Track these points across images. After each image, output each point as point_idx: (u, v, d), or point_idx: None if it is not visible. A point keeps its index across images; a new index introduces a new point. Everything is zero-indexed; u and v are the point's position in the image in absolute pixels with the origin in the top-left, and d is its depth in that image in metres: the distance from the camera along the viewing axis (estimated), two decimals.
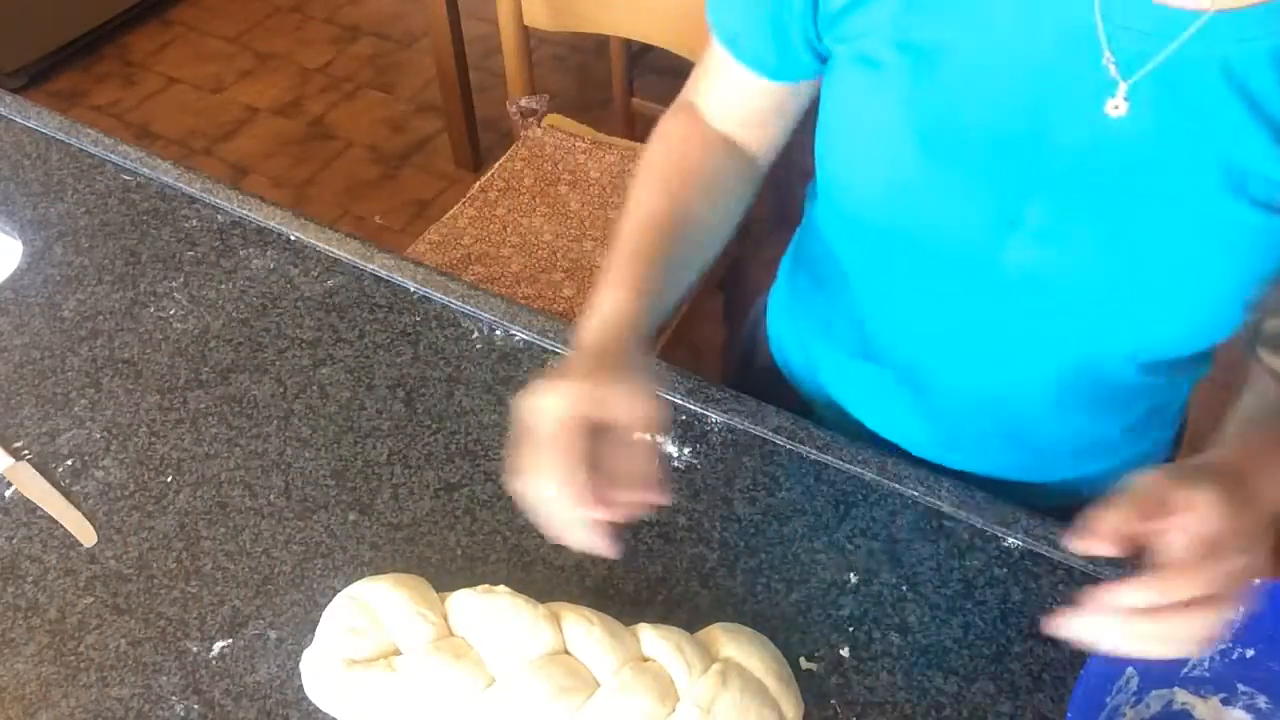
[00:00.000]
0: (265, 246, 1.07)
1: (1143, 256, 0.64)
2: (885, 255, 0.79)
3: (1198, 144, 0.60)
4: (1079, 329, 0.72)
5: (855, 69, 0.71)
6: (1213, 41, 0.57)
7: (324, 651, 0.73)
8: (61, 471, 0.89)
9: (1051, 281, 0.69)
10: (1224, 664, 0.71)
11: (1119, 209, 0.64)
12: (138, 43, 2.99)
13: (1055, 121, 0.63)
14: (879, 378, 0.90)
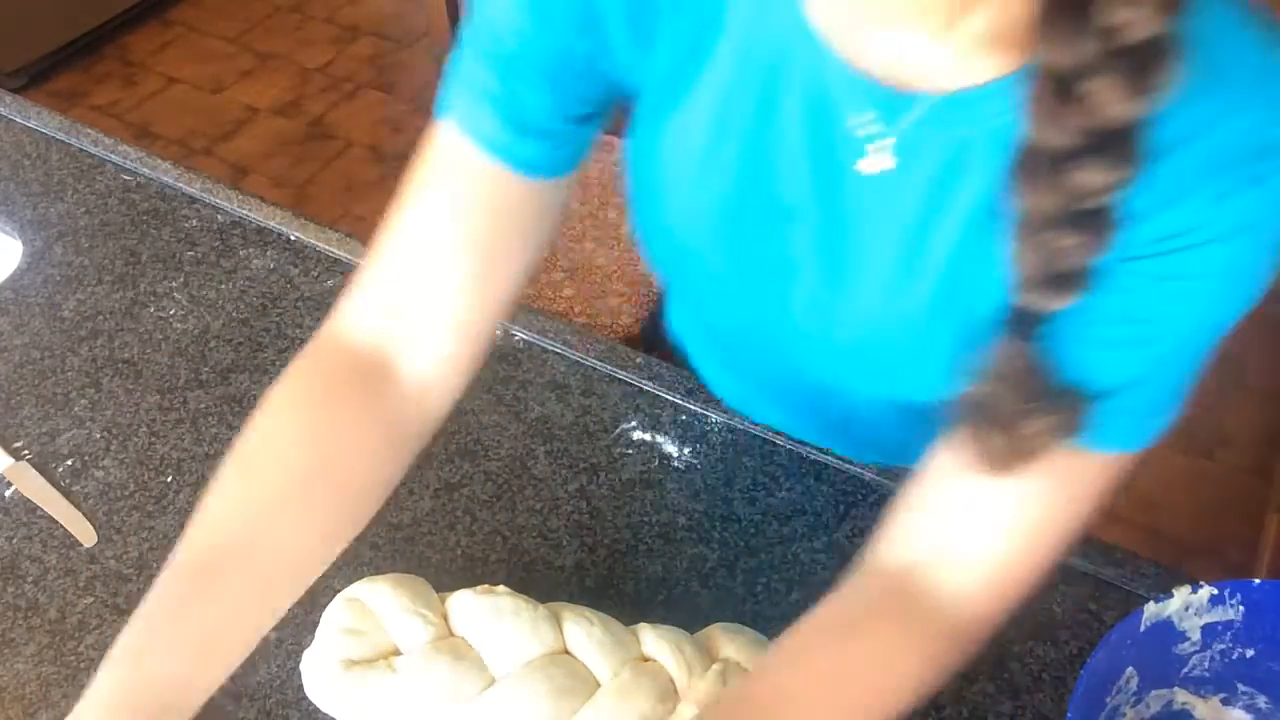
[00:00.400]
0: (265, 246, 1.07)
1: (896, 308, 0.64)
2: (697, 298, 0.79)
3: (930, 214, 0.60)
4: (863, 377, 0.71)
5: (645, 145, 0.69)
6: (941, 123, 0.57)
7: (324, 652, 0.73)
8: (61, 471, 0.89)
9: (829, 333, 0.69)
10: (1224, 664, 0.71)
11: (873, 263, 0.64)
12: (138, 43, 2.99)
13: (816, 179, 0.63)
14: (742, 387, 0.92)
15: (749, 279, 0.69)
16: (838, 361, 0.71)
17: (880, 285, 0.64)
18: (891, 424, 0.80)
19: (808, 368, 0.74)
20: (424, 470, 0.89)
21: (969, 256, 0.60)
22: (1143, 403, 0.60)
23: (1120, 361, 0.58)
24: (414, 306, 0.66)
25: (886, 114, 0.58)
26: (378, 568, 0.82)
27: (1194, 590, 0.67)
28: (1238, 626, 0.69)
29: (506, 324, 0.99)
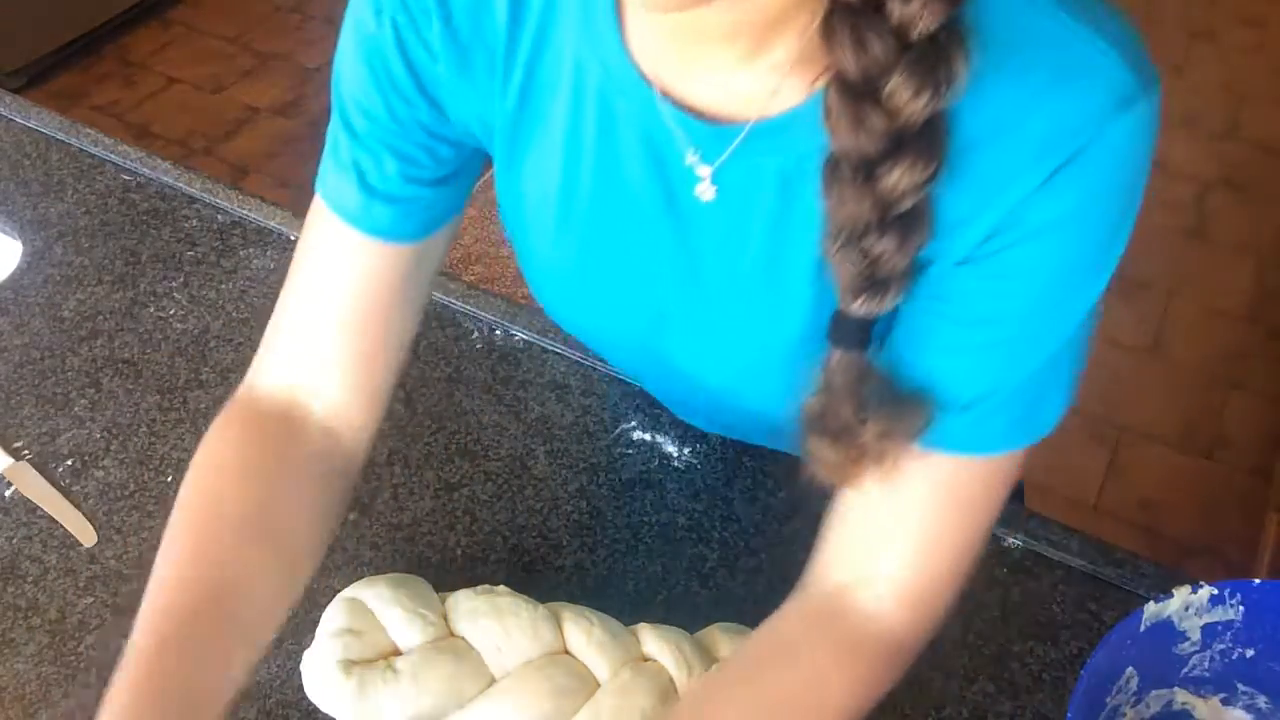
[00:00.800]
0: (265, 246, 1.07)
1: (736, 333, 0.66)
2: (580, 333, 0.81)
3: (766, 232, 0.61)
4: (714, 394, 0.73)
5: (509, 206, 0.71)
6: (759, 150, 0.58)
7: (324, 652, 0.73)
8: (61, 471, 0.89)
9: (683, 345, 0.70)
10: (1224, 664, 0.71)
11: (718, 288, 0.65)
12: (137, 43, 2.99)
13: (664, 213, 0.63)
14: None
15: (625, 326, 0.71)
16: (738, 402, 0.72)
17: (744, 318, 0.65)
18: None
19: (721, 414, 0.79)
20: (424, 470, 0.89)
21: (817, 279, 0.60)
22: (1015, 402, 0.59)
23: (975, 366, 0.58)
24: (310, 367, 0.70)
25: (707, 147, 0.59)
26: (378, 568, 0.82)
27: (1194, 590, 0.67)
28: (1238, 626, 0.69)
29: (506, 324, 0.99)
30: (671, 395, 0.87)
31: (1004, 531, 0.84)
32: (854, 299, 0.55)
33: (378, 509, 0.86)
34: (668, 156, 0.61)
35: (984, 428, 0.60)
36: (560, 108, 0.62)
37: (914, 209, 0.52)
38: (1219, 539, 1.93)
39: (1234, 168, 2.62)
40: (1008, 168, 0.52)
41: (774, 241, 0.61)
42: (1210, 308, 2.28)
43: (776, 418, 0.67)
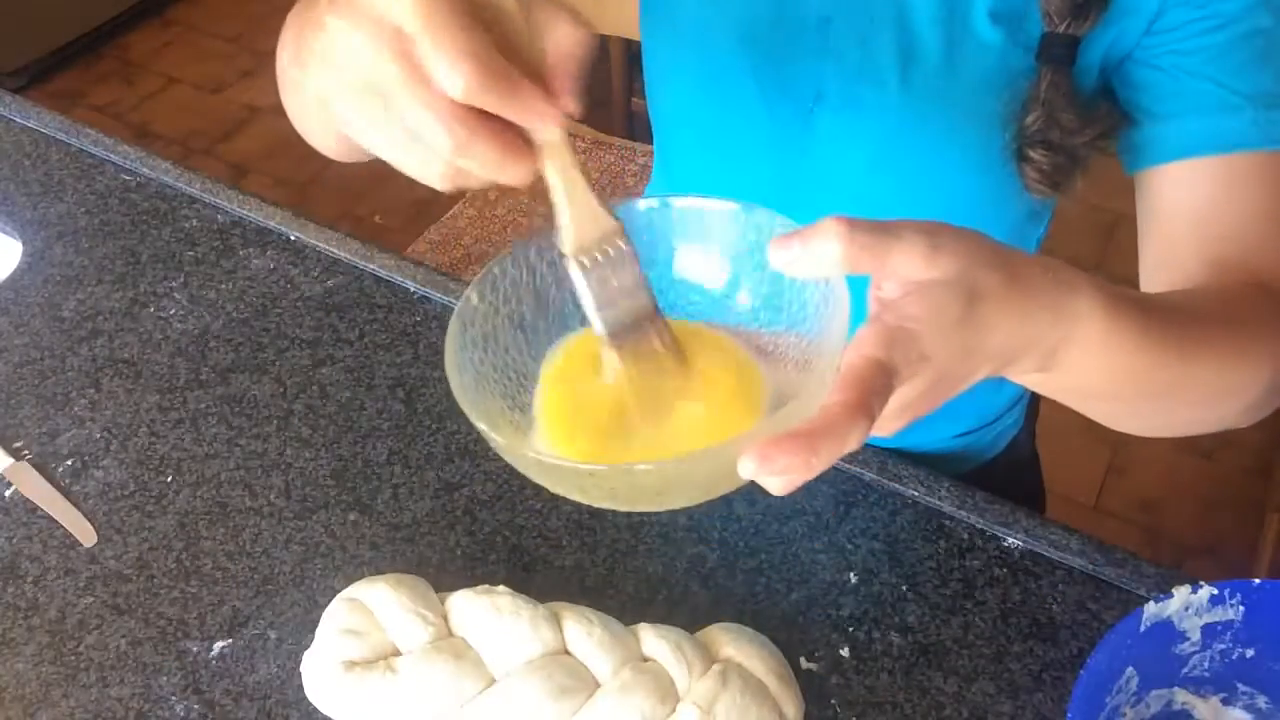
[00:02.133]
0: (265, 246, 1.07)
1: (925, 100, 0.72)
2: (712, 160, 0.83)
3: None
4: (886, 191, 0.77)
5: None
6: None
7: (324, 653, 0.73)
8: (61, 471, 0.89)
9: (856, 145, 0.75)
10: (1224, 664, 0.71)
11: (901, 61, 0.71)
12: (137, 43, 2.99)
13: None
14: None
15: (777, 94, 0.74)
16: (862, 179, 0.76)
17: (905, 84, 0.71)
18: None
19: (826, 198, 0.78)
20: (424, 470, 0.89)
21: (986, 29, 0.68)
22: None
23: (1243, 61, 0.65)
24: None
25: None
26: (378, 568, 0.82)
27: (1194, 590, 0.67)
28: (1238, 626, 0.69)
29: None
30: (796, 206, 0.78)
31: (1004, 531, 0.84)
32: (1060, 20, 0.64)
33: (378, 509, 0.86)
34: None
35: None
36: None
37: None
38: (1219, 539, 1.93)
39: None
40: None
41: (959, 6, 0.68)
42: None
43: (940, 200, 0.75)
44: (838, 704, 0.75)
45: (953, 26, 0.70)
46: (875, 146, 0.75)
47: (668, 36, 0.78)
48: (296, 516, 0.86)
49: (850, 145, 0.75)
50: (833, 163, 0.77)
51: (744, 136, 0.79)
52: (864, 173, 0.77)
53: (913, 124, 0.73)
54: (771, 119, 0.77)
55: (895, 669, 0.76)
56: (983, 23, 0.69)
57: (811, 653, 0.77)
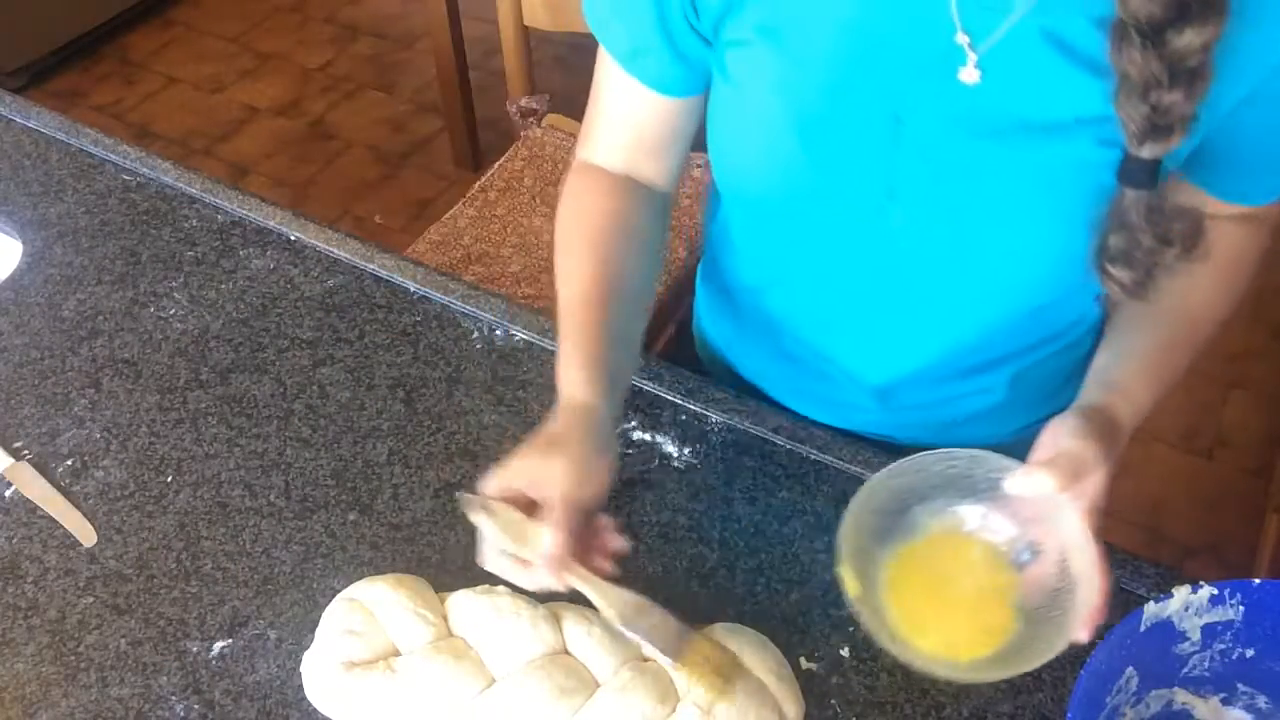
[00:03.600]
0: (265, 246, 1.07)
1: (1006, 207, 0.72)
2: (779, 240, 0.84)
3: (1040, 102, 0.68)
4: (959, 285, 0.78)
5: (731, 58, 0.75)
6: (1043, 12, 0.65)
7: (324, 653, 0.73)
8: (61, 471, 0.89)
9: (932, 242, 0.75)
10: (1224, 664, 0.71)
11: (981, 168, 0.71)
12: (138, 43, 2.99)
13: (916, 96, 0.70)
14: (789, 367, 0.94)
15: (845, 189, 0.75)
16: (937, 269, 0.77)
17: (986, 188, 0.71)
18: (970, 345, 0.85)
19: (898, 286, 0.80)
20: (424, 470, 0.89)
21: (1068, 141, 0.68)
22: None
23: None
24: (623, 162, 0.87)
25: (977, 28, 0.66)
26: (378, 568, 0.82)
27: (1194, 590, 0.67)
28: (1238, 626, 0.69)
29: (506, 324, 0.99)
30: (874, 300, 0.84)
31: None
32: (1142, 143, 0.64)
33: (378, 509, 0.86)
34: (938, 26, 0.67)
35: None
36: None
37: (1200, 63, 0.60)
38: (1219, 539, 1.93)
39: None
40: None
41: (1037, 105, 0.68)
42: None
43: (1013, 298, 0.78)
44: (838, 704, 0.75)
45: (1033, 129, 0.69)
46: (951, 242, 0.75)
47: (734, 121, 0.78)
48: (296, 516, 0.86)
49: (925, 239, 0.75)
50: (907, 254, 0.77)
51: (813, 224, 0.79)
52: (939, 264, 0.77)
53: (990, 223, 0.73)
54: (841, 212, 0.77)
55: (895, 669, 0.76)
56: (1067, 126, 0.68)
57: (811, 653, 0.77)
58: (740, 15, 0.73)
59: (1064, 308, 0.79)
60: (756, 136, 0.76)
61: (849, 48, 0.70)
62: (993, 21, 0.66)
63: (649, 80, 0.80)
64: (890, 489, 0.73)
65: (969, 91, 0.69)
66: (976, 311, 0.81)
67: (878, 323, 0.85)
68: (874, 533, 0.73)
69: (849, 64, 0.70)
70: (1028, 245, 0.73)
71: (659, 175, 0.87)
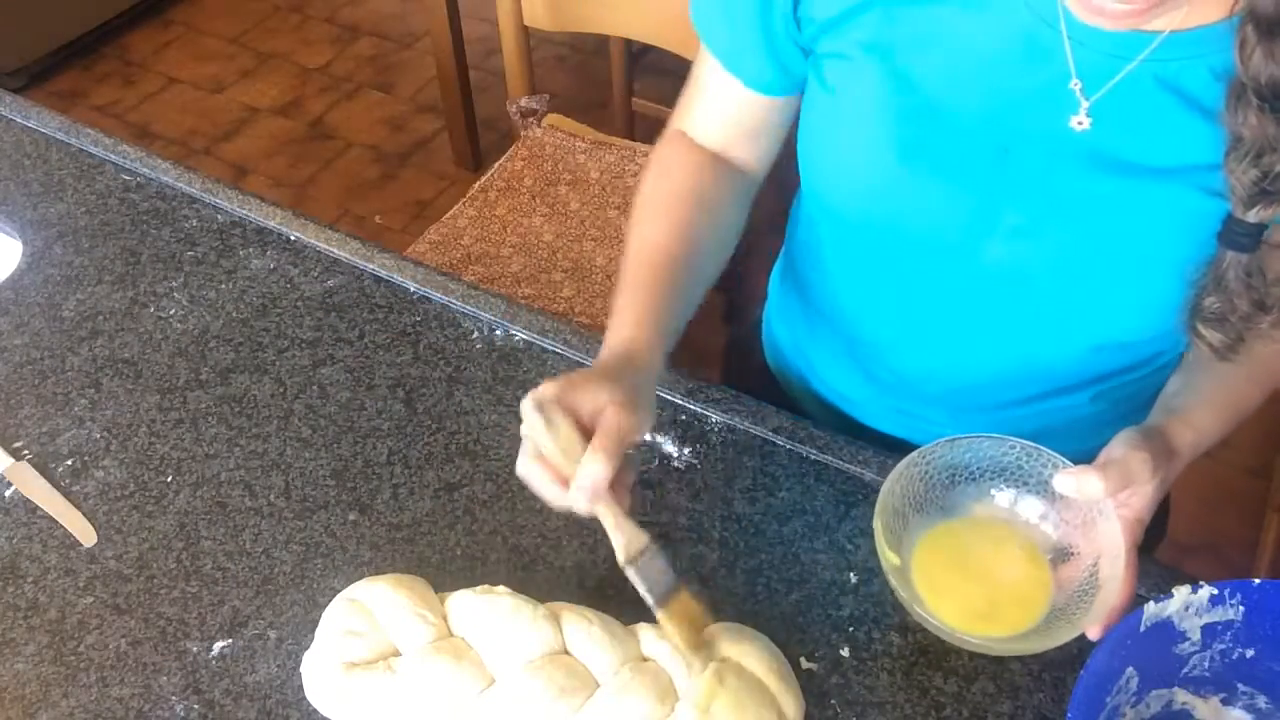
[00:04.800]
0: (265, 246, 1.07)
1: (1106, 249, 0.71)
2: (867, 255, 0.83)
3: (1148, 148, 0.68)
4: (1049, 317, 0.78)
5: (831, 68, 0.75)
6: (1161, 59, 0.65)
7: (324, 654, 0.73)
8: (61, 471, 0.89)
9: (1026, 275, 0.75)
10: (1224, 664, 0.71)
11: (1084, 209, 0.70)
12: (138, 43, 2.98)
13: (1023, 134, 0.70)
14: (863, 379, 0.93)
15: (941, 213, 0.75)
16: (1028, 306, 0.77)
17: (1087, 228, 0.71)
18: (1052, 372, 0.85)
19: (983, 316, 0.80)
20: (424, 470, 0.89)
21: (1174, 186, 0.68)
22: None
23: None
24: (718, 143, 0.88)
25: (1092, 76, 0.66)
26: (378, 568, 0.82)
27: (1194, 590, 0.67)
28: (1238, 626, 0.69)
29: (506, 324, 0.99)
30: (949, 322, 0.84)
31: None
32: (1249, 207, 0.63)
33: (378, 509, 0.86)
34: (1052, 72, 0.67)
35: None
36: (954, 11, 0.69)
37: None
38: (1219, 539, 1.93)
39: None
40: None
41: (1147, 149, 0.68)
42: None
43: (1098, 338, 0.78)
44: (838, 704, 0.75)
45: (1141, 172, 0.68)
46: (1044, 279, 0.74)
47: (830, 131, 0.78)
48: (296, 516, 0.86)
49: (1018, 273, 0.75)
50: (996, 285, 0.77)
51: (901, 243, 0.79)
52: (1029, 299, 0.76)
53: (1087, 264, 0.72)
54: (933, 235, 0.76)
55: (895, 669, 0.76)
56: (1175, 172, 0.67)
57: (811, 653, 0.77)
58: (844, 31, 0.73)
59: (1154, 344, 0.79)
60: (853, 150, 0.76)
61: (961, 75, 0.70)
62: (1110, 67, 0.66)
63: (747, 79, 0.81)
64: (942, 461, 0.76)
65: (1079, 136, 0.68)
66: (1060, 344, 0.81)
67: (957, 347, 0.85)
68: (916, 499, 0.76)
69: (959, 91, 0.70)
70: (1119, 287, 0.73)
71: (751, 159, 0.88)
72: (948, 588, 0.74)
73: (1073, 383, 0.86)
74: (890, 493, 0.74)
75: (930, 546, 0.76)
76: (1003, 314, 0.79)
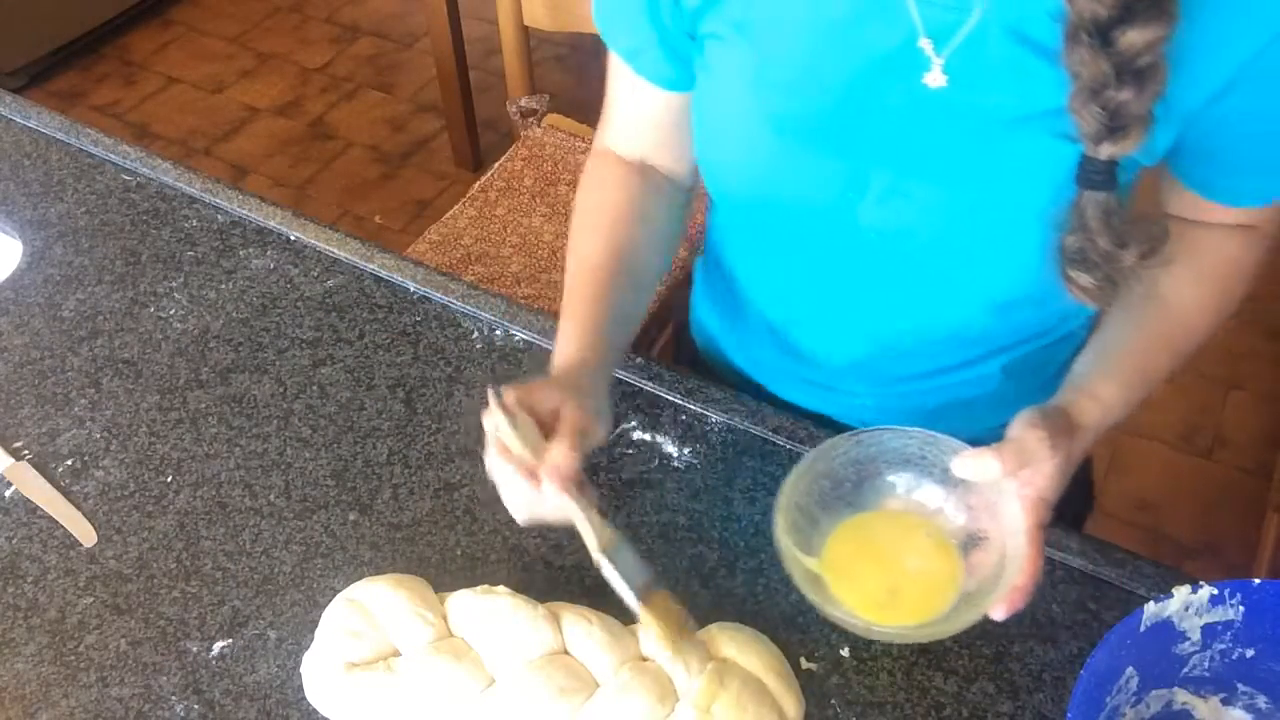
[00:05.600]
0: (265, 246, 1.07)
1: (973, 202, 0.73)
2: (761, 231, 0.86)
3: (1003, 98, 0.69)
4: (933, 276, 0.79)
5: (710, 50, 0.76)
6: (1003, 8, 0.66)
7: (324, 654, 0.73)
8: (61, 471, 0.89)
9: (903, 235, 0.76)
10: (1224, 664, 0.71)
11: (947, 165, 0.72)
12: (138, 43, 2.99)
13: (883, 96, 0.71)
14: (781, 355, 0.95)
15: (817, 184, 0.76)
16: (912, 265, 0.78)
17: (954, 183, 0.72)
18: (952, 336, 0.86)
19: (873, 279, 0.81)
20: (424, 470, 0.89)
21: (1032, 134, 0.68)
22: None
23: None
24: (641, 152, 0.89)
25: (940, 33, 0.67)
26: (378, 568, 0.82)
27: (1194, 590, 0.67)
28: (1238, 626, 0.69)
29: (506, 324, 0.99)
30: (842, 289, 0.86)
31: None
32: (1098, 144, 0.63)
33: (378, 509, 0.86)
34: (902, 31, 0.68)
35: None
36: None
37: (1150, 63, 0.60)
38: (1219, 539, 1.93)
39: None
40: (1248, 17, 0.62)
41: (1004, 100, 0.68)
42: None
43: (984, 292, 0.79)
44: (838, 704, 0.75)
45: (1000, 123, 0.69)
46: (922, 236, 0.76)
47: (712, 115, 0.80)
48: (296, 516, 0.86)
49: (896, 234, 0.76)
50: (879, 248, 0.78)
51: (788, 217, 0.81)
52: (911, 257, 0.78)
53: (958, 217, 0.74)
54: (814, 206, 0.78)
55: (895, 669, 0.76)
56: (1032, 119, 0.68)
57: (811, 653, 0.77)
58: (718, 11, 0.74)
59: (1048, 302, 0.80)
60: (733, 131, 0.77)
61: (816, 47, 0.71)
62: (955, 22, 0.67)
63: (651, 76, 0.83)
64: (847, 456, 0.76)
65: (936, 94, 0.69)
66: (952, 304, 0.82)
67: (856, 313, 0.86)
68: (823, 497, 0.77)
69: (817, 63, 0.71)
70: (995, 240, 0.74)
71: (674, 164, 0.89)
72: (859, 582, 0.74)
73: (980, 351, 0.88)
74: (793, 491, 0.74)
75: (840, 543, 0.76)
76: (890, 277, 0.80)
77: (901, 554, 0.76)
